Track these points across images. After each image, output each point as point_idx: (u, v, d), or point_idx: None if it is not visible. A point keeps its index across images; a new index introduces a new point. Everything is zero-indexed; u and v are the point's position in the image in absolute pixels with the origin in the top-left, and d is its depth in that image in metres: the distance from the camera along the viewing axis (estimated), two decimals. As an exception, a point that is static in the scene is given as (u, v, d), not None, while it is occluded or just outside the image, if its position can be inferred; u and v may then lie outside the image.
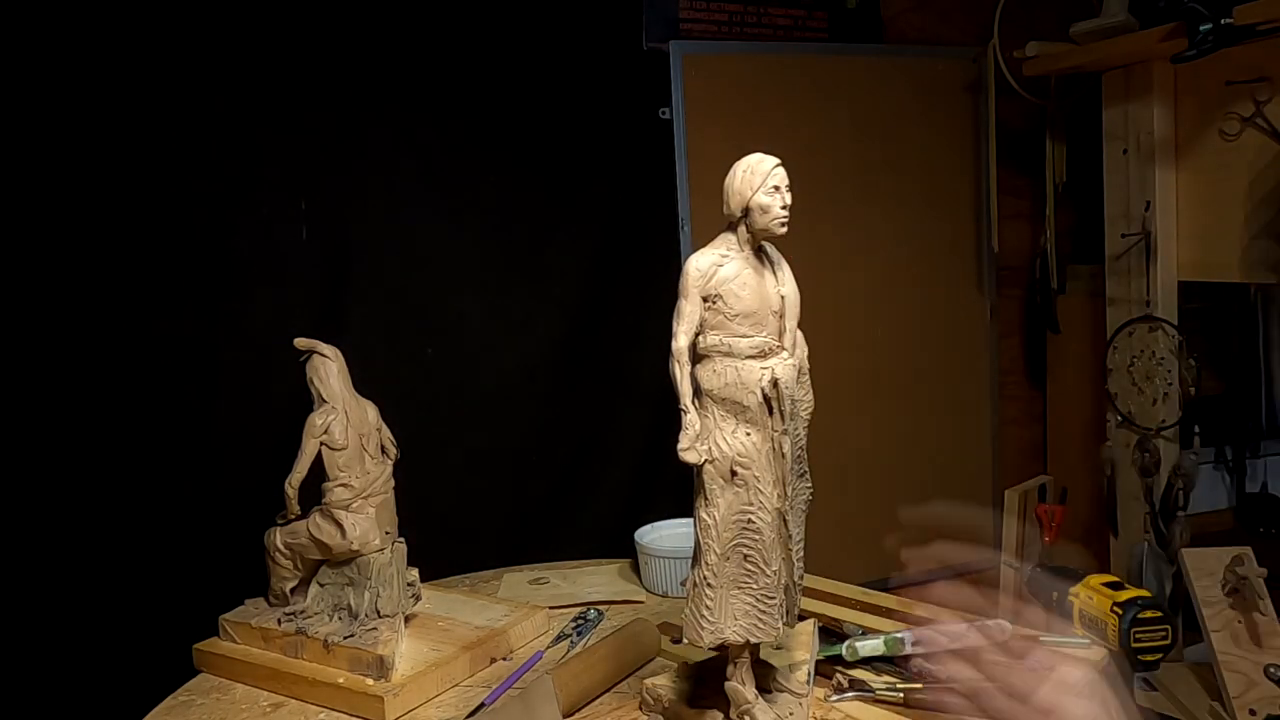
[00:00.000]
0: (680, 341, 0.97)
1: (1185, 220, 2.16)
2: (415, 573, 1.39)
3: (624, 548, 1.65)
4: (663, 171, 2.16)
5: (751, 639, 1.00)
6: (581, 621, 1.44)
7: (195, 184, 1.75)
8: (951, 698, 1.10)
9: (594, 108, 2.07)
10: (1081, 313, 2.50)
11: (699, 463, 0.97)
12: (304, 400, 1.33)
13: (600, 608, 1.49)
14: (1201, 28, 1.81)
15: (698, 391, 0.99)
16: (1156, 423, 2.19)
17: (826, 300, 2.32)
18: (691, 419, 0.97)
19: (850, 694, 1.14)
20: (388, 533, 1.33)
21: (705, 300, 0.98)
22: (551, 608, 1.47)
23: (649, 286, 2.04)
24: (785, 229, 0.98)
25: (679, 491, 1.11)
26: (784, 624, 1.01)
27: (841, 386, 2.36)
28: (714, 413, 0.98)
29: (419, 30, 1.92)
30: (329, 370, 1.32)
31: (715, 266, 0.98)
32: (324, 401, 1.32)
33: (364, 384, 1.38)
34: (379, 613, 1.30)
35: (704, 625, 1.00)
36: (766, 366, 0.97)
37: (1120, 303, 2.27)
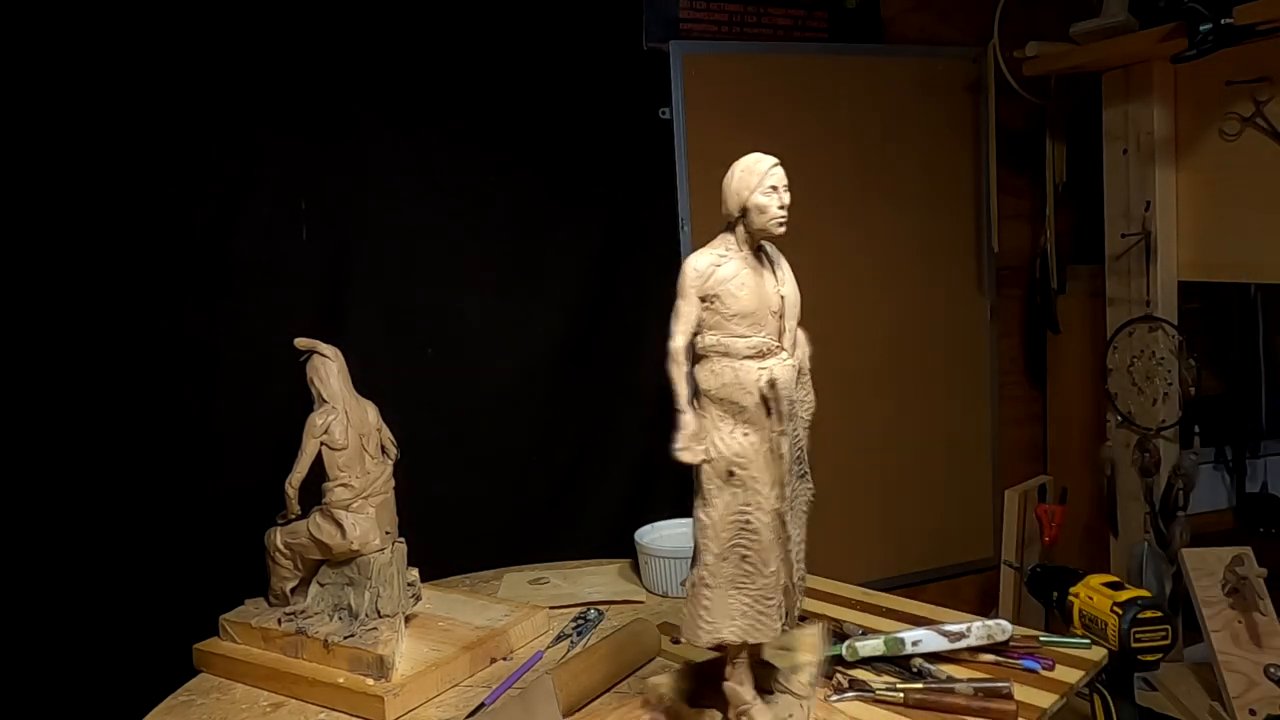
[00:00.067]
0: (677, 341, 0.97)
1: (1185, 220, 2.16)
2: (415, 573, 1.39)
3: (624, 548, 1.65)
4: (663, 171, 2.16)
5: (749, 640, 1.00)
6: (581, 621, 1.44)
7: (195, 184, 1.75)
8: (951, 698, 1.11)
9: (594, 108, 2.07)
10: (1081, 313, 2.49)
11: (695, 462, 0.98)
12: (304, 400, 1.33)
13: (600, 608, 1.50)
14: (1201, 28, 1.81)
15: (696, 391, 0.98)
16: (1156, 423, 2.19)
17: (826, 300, 2.31)
18: (687, 419, 0.97)
19: (850, 694, 1.15)
20: (388, 533, 1.33)
21: (703, 300, 0.98)
22: (552, 608, 1.47)
23: (649, 286, 2.04)
24: (783, 229, 0.98)
25: (679, 491, 1.11)
26: (783, 625, 1.01)
27: (841, 386, 2.36)
28: (712, 413, 0.98)
29: (419, 30, 1.91)
30: (329, 370, 1.33)
31: (713, 267, 0.98)
32: (324, 401, 1.32)
33: (364, 384, 1.38)
34: (379, 613, 1.30)
35: (701, 625, 1.00)
36: (765, 367, 0.97)
37: (1120, 303, 2.27)
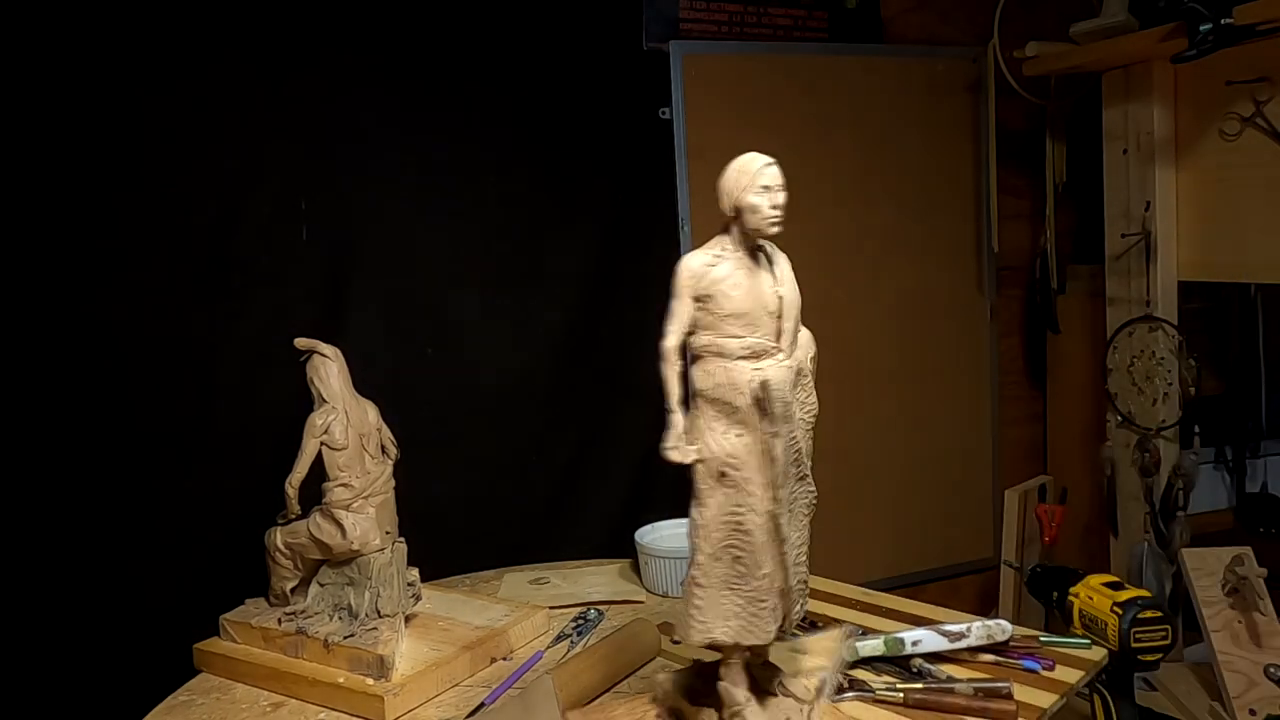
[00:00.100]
0: (669, 341, 0.96)
1: (1185, 220, 2.16)
2: (416, 572, 1.39)
3: (624, 548, 1.65)
4: (663, 171, 2.16)
5: (742, 641, 1.00)
6: (582, 621, 1.44)
7: (195, 184, 1.76)
8: (951, 698, 1.11)
9: (594, 108, 2.07)
10: (1081, 313, 2.49)
11: (683, 461, 0.97)
12: (304, 400, 1.33)
13: (600, 608, 1.50)
14: (1201, 28, 1.81)
15: (691, 391, 0.98)
16: (1156, 423, 2.19)
17: (826, 300, 2.31)
18: (676, 418, 0.96)
19: (850, 694, 1.14)
20: (388, 532, 1.33)
21: (697, 300, 0.97)
22: (552, 608, 1.47)
23: (649, 286, 2.02)
24: (777, 229, 0.96)
25: (679, 491, 1.11)
26: (780, 629, 1.00)
27: (841, 386, 2.36)
28: (706, 413, 0.97)
29: (419, 30, 1.91)
30: (329, 370, 1.33)
31: (708, 267, 0.97)
32: (324, 401, 1.32)
33: (364, 384, 1.38)
34: (379, 612, 1.30)
35: (693, 624, 1.00)
36: (759, 368, 0.96)
37: (1120, 303, 2.27)
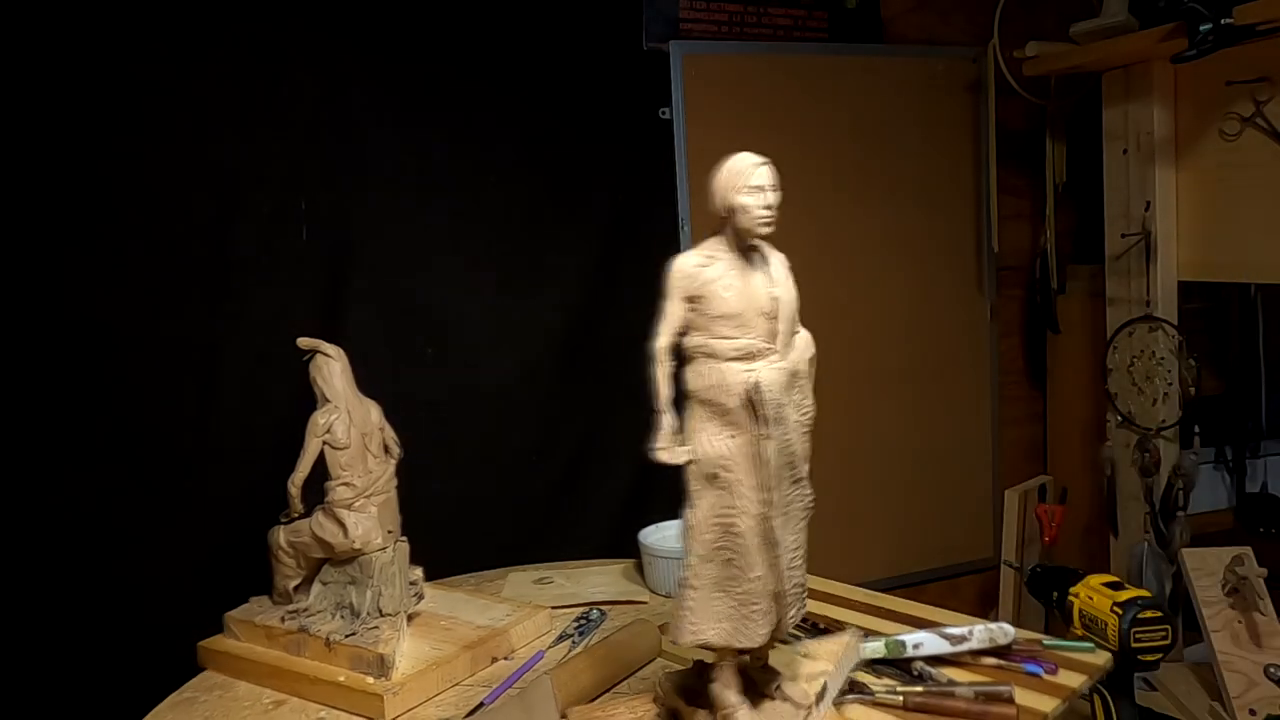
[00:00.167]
0: (659, 342, 0.96)
1: (1185, 220, 2.16)
2: (419, 572, 1.39)
3: (625, 548, 1.65)
4: (663, 171, 2.16)
5: (733, 644, 0.99)
6: (584, 622, 1.44)
7: (195, 184, 1.75)
8: (951, 701, 1.10)
9: (594, 108, 2.07)
10: (1081, 313, 2.50)
11: (672, 462, 0.96)
12: (304, 400, 1.33)
13: (603, 608, 1.49)
14: (1201, 28, 1.81)
15: (684, 392, 0.97)
16: (1156, 423, 2.19)
17: (826, 300, 2.31)
18: (666, 419, 0.95)
19: (850, 696, 1.14)
20: (390, 531, 1.33)
21: (690, 301, 0.96)
22: (554, 607, 1.47)
23: (649, 286, 2.02)
24: (769, 229, 0.95)
25: (679, 492, 1.11)
26: (771, 632, 0.99)
27: (841, 387, 2.36)
28: (698, 414, 0.97)
29: (419, 30, 1.91)
30: (332, 370, 1.33)
31: (699, 268, 0.96)
32: (327, 401, 1.32)
33: (364, 384, 1.38)
34: (381, 611, 1.31)
35: (685, 625, 0.99)
36: (751, 369, 0.95)
37: (1120, 303, 2.27)
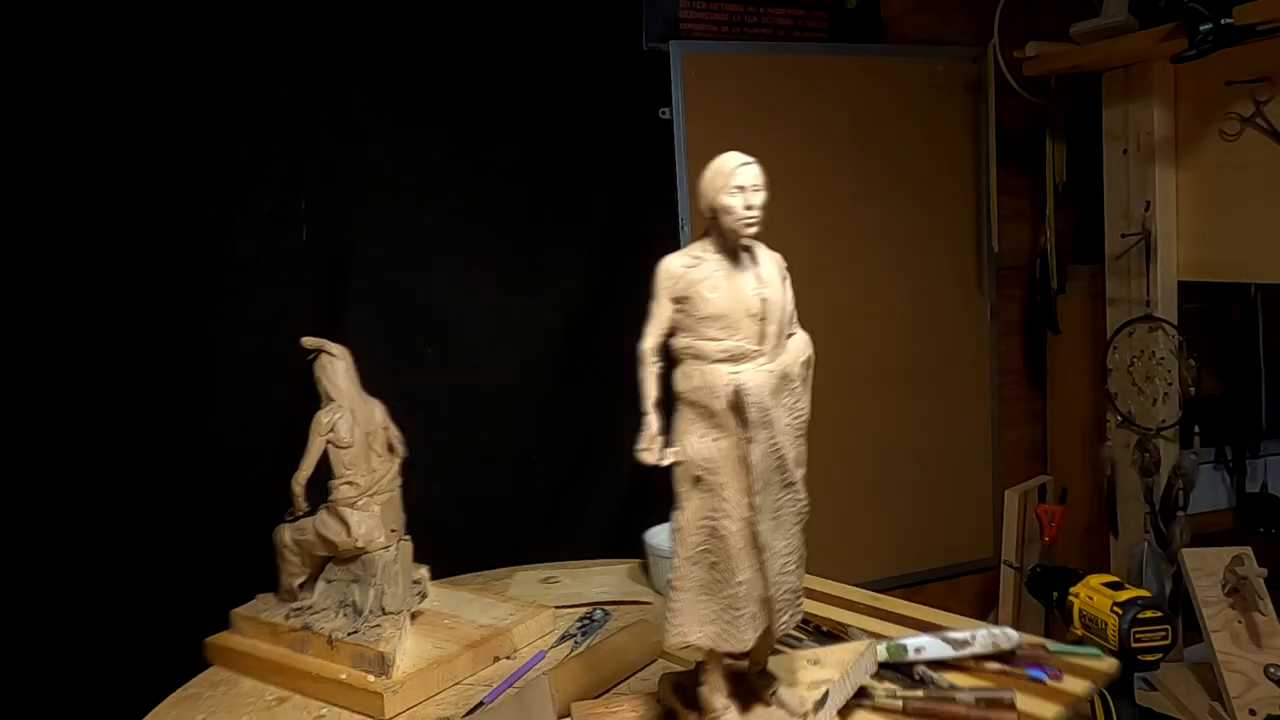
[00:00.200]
0: (645, 343, 0.95)
1: (1185, 220, 2.16)
2: (423, 570, 1.40)
3: (625, 548, 1.65)
4: (663, 171, 2.16)
5: (719, 647, 0.98)
6: (587, 622, 1.44)
7: (195, 184, 1.75)
8: (951, 707, 1.09)
9: (594, 108, 2.07)
10: (1081, 313, 2.50)
11: (656, 464, 0.95)
12: (305, 399, 1.33)
13: (607, 608, 1.49)
14: (1201, 28, 1.81)
15: (673, 394, 0.96)
16: (1156, 423, 2.19)
17: (826, 300, 2.32)
18: (650, 420, 0.94)
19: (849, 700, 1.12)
20: (393, 530, 1.34)
21: (677, 302, 0.96)
22: (558, 607, 1.47)
23: (649, 287, 2.03)
24: (753, 229, 0.94)
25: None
26: (759, 637, 0.97)
27: (841, 386, 2.36)
28: (685, 416, 0.96)
29: (419, 30, 1.91)
30: (336, 369, 1.33)
31: (686, 268, 0.96)
32: (330, 400, 1.32)
33: (364, 384, 1.38)
34: (384, 610, 1.31)
35: (670, 626, 0.98)
36: (737, 371, 0.94)
37: (1120, 303, 2.28)
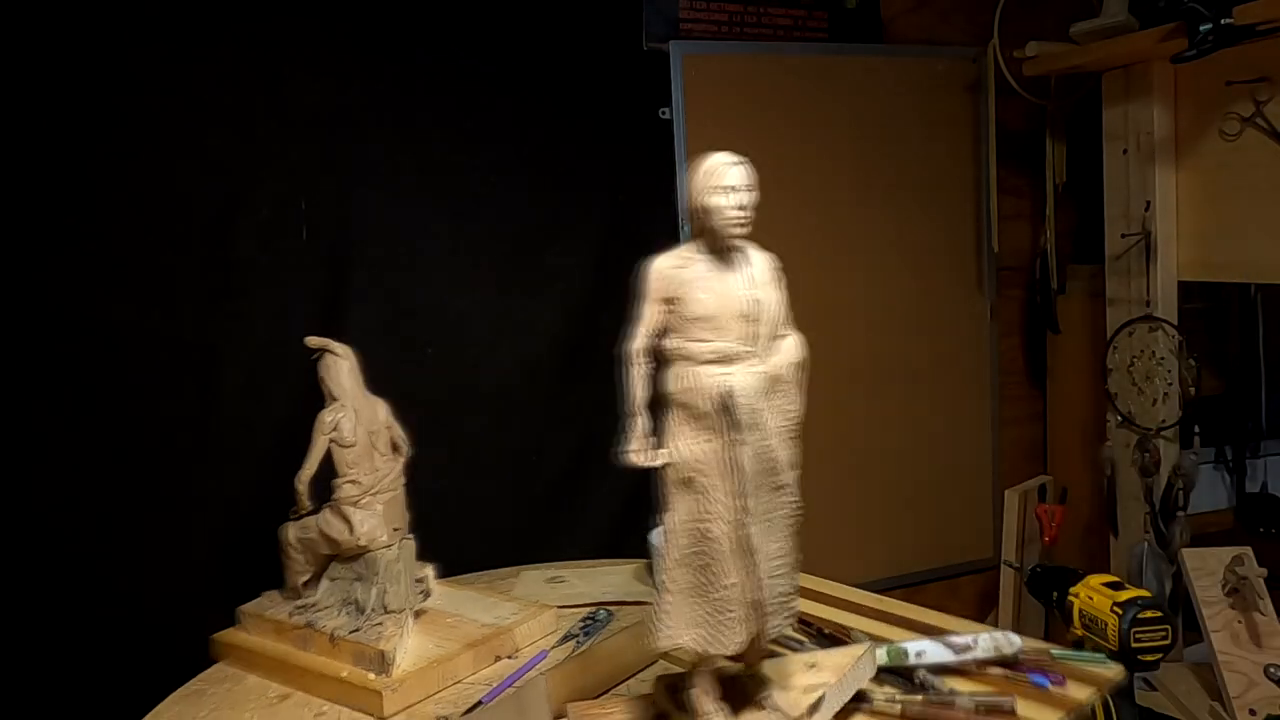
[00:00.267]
0: (631, 344, 0.95)
1: (1185, 220, 2.16)
2: (428, 569, 1.40)
3: (626, 548, 1.65)
4: (663, 171, 2.15)
5: (707, 650, 0.97)
6: (590, 622, 1.43)
7: (195, 184, 1.75)
8: (950, 712, 1.07)
9: (594, 108, 2.07)
10: (1081, 313, 2.50)
11: (644, 465, 0.95)
12: (307, 399, 1.33)
13: (610, 608, 1.49)
14: (1201, 28, 1.81)
15: (662, 396, 0.96)
16: (1156, 423, 2.19)
17: (826, 300, 2.32)
18: (636, 422, 0.94)
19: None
20: (396, 529, 1.34)
21: (667, 303, 0.95)
22: (561, 607, 1.47)
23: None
24: (742, 230, 0.94)
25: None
26: (748, 640, 0.97)
27: (841, 387, 2.36)
28: (674, 417, 0.95)
29: (419, 30, 1.91)
30: (340, 368, 1.34)
31: (675, 269, 0.95)
32: (334, 399, 1.33)
33: (364, 383, 1.38)
34: (386, 608, 1.31)
35: (659, 629, 0.98)
36: (726, 373, 0.93)
37: (1120, 303, 2.27)
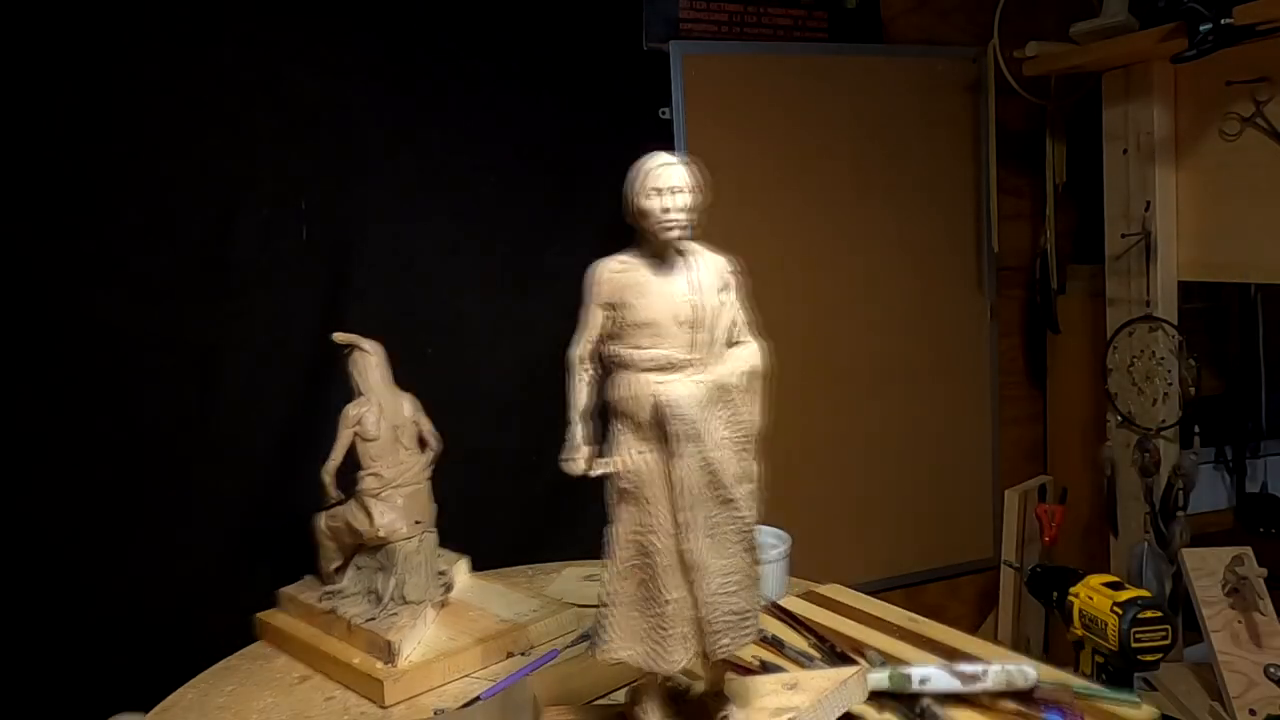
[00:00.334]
0: (574, 350, 0.93)
1: (1185, 220, 2.16)
2: (463, 561, 1.44)
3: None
4: (663, 172, 2.15)
5: (649, 666, 0.93)
6: (607, 623, 1.43)
7: (195, 184, 1.75)
8: None
9: (594, 108, 2.07)
10: (1081, 313, 2.49)
11: (579, 474, 0.92)
12: (305, 398, 1.33)
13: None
14: (1201, 28, 1.81)
15: (609, 403, 0.94)
16: (1156, 423, 2.19)
17: (826, 300, 2.31)
18: (575, 430, 0.92)
19: None
20: (418, 522, 1.36)
21: (609, 308, 0.93)
22: (583, 606, 1.44)
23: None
24: (675, 234, 0.91)
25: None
26: (688, 659, 0.92)
27: (840, 387, 2.36)
28: (618, 426, 0.93)
29: (419, 30, 1.91)
30: (368, 364, 1.38)
31: (614, 274, 0.93)
32: (360, 394, 1.36)
33: (364, 383, 1.39)
34: (404, 599, 1.34)
35: (600, 642, 0.94)
36: (664, 381, 0.90)
37: (1120, 303, 2.27)
